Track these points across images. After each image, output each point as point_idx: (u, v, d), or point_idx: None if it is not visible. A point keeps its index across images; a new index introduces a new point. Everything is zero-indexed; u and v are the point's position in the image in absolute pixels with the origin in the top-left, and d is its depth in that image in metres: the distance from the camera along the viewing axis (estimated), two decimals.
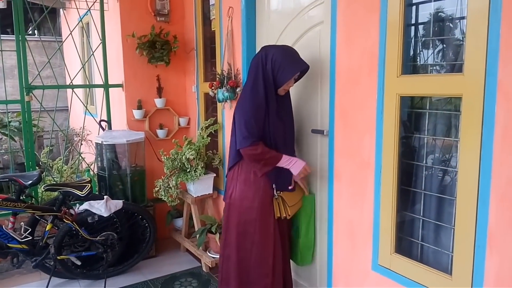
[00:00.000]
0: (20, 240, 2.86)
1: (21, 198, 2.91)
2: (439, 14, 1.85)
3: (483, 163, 1.58)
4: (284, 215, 2.32)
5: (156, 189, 3.37)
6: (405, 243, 2.02)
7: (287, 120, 2.40)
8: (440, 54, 1.91)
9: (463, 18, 1.71)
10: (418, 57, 1.95)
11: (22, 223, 3.00)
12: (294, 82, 2.35)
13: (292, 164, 2.27)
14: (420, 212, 1.96)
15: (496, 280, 1.57)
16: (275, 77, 2.24)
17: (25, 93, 3.37)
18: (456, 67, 1.77)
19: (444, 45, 1.88)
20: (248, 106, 2.25)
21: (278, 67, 2.22)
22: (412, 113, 1.99)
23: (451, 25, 1.84)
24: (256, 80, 2.27)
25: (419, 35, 1.94)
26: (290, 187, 2.35)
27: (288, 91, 2.40)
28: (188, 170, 3.30)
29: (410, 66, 1.93)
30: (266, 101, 2.25)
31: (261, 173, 2.27)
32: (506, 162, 1.51)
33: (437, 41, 1.89)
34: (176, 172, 3.33)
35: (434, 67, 1.90)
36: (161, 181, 3.35)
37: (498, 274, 1.56)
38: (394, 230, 1.98)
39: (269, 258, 2.31)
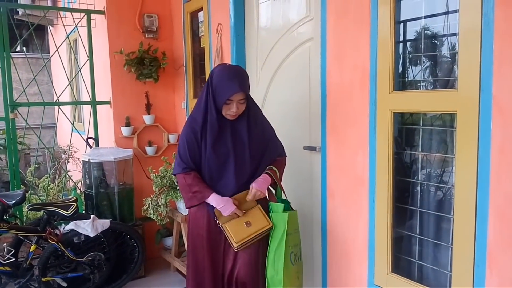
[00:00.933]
0: (3, 261, 2.77)
1: (5, 218, 2.83)
2: (430, 30, 1.85)
3: (480, 180, 1.55)
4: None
5: (145, 207, 3.29)
6: (401, 262, 1.97)
7: (239, 149, 2.05)
8: (433, 70, 1.90)
9: (455, 34, 1.70)
10: (410, 73, 1.94)
11: (5, 244, 2.90)
12: (237, 108, 1.99)
13: (220, 207, 2.01)
14: (416, 230, 1.92)
15: None
16: (215, 99, 2.00)
17: (9, 110, 3.29)
18: (449, 83, 1.76)
19: (437, 61, 1.87)
20: (184, 130, 2.09)
21: (215, 88, 1.99)
22: (406, 129, 1.97)
23: (443, 41, 1.83)
24: (200, 103, 2.07)
25: (410, 51, 1.93)
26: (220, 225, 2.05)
27: (246, 117, 2.07)
28: (177, 188, 3.23)
29: (403, 82, 1.92)
30: (203, 125, 2.03)
31: (187, 206, 2.08)
32: (504, 179, 1.48)
33: (429, 58, 1.87)
34: (166, 190, 3.25)
35: (427, 83, 1.89)
36: (150, 199, 3.27)
37: None
38: (390, 249, 1.94)
39: None
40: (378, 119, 1.91)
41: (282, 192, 2.15)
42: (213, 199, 2.02)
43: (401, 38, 1.91)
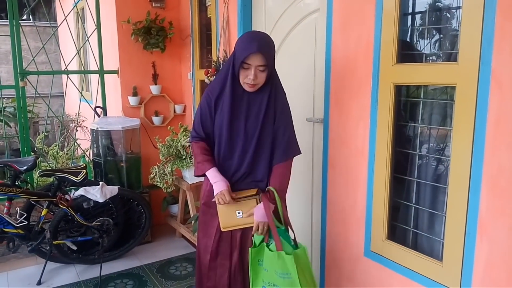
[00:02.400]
0: (15, 225, 2.88)
1: (16, 183, 2.93)
2: (436, 3, 1.85)
3: (475, 152, 1.59)
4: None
5: (152, 175, 3.38)
6: (397, 230, 2.05)
7: (251, 124, 1.91)
8: (436, 44, 1.91)
9: (459, 8, 1.71)
10: (414, 46, 1.95)
11: (18, 208, 3.01)
12: (255, 76, 1.82)
13: (214, 182, 1.92)
14: (412, 199, 1.98)
15: (485, 267, 1.60)
16: (234, 63, 1.87)
17: (19, 79, 3.35)
18: (452, 56, 1.78)
19: (440, 35, 1.88)
20: (202, 98, 2.01)
21: (235, 52, 1.87)
22: (407, 102, 2.00)
23: (447, 14, 1.84)
24: (221, 71, 1.98)
25: (415, 24, 1.94)
26: (212, 199, 1.97)
27: (267, 93, 1.91)
28: (183, 157, 3.30)
29: (406, 55, 1.94)
30: (220, 94, 1.93)
31: (194, 174, 2.04)
32: (498, 151, 1.52)
33: (433, 31, 1.89)
34: (172, 159, 3.33)
35: (430, 56, 1.91)
36: (156, 167, 3.36)
37: (487, 261, 1.59)
38: (387, 217, 2.01)
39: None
40: (380, 91, 1.95)
41: (285, 225, 1.92)
42: (211, 173, 1.94)
43: (407, 11, 1.92)
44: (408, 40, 1.94)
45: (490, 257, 1.58)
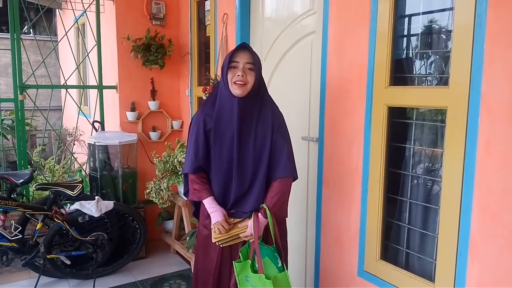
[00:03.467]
0: (10, 238, 2.88)
1: (12, 196, 2.93)
2: (428, 27, 1.91)
3: (466, 174, 1.62)
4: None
5: (148, 191, 3.39)
6: (390, 250, 2.06)
7: (243, 141, 1.88)
8: (429, 67, 1.96)
9: (451, 31, 1.77)
10: (407, 69, 2.00)
11: (13, 221, 3.00)
12: (243, 73, 1.82)
13: (211, 212, 1.92)
14: (405, 220, 2.00)
15: None
16: (222, 74, 1.88)
17: (18, 92, 3.38)
18: (443, 80, 1.82)
19: (433, 58, 1.93)
20: (193, 120, 1.98)
21: (223, 64, 1.89)
22: (400, 123, 2.04)
23: (440, 38, 1.89)
24: (214, 89, 1.99)
25: (408, 47, 1.99)
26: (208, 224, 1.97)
27: (259, 100, 1.90)
28: (180, 173, 3.32)
29: (399, 77, 1.98)
30: (211, 112, 1.90)
31: (189, 198, 2.03)
32: (488, 174, 1.56)
33: (425, 54, 1.94)
34: (168, 174, 3.35)
35: (422, 79, 1.95)
36: (152, 183, 3.37)
37: (479, 282, 1.61)
38: (380, 237, 2.03)
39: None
40: (374, 112, 1.99)
41: (276, 244, 1.88)
42: (208, 203, 1.93)
43: (400, 34, 1.97)
44: (401, 63, 1.99)
45: (481, 278, 1.60)
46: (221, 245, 1.93)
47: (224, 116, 1.88)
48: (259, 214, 1.87)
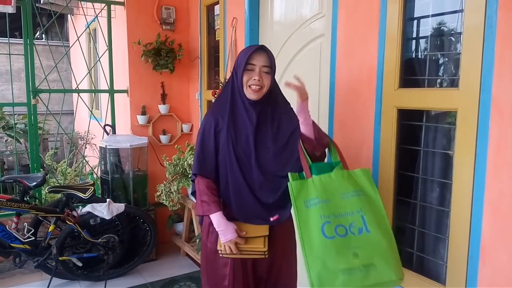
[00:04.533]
0: (23, 240, 2.92)
1: (25, 199, 2.98)
2: (438, 29, 1.90)
3: (476, 177, 1.61)
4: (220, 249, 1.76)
5: (158, 193, 3.41)
6: (401, 253, 2.04)
7: (268, 139, 1.77)
8: (438, 69, 1.95)
9: (461, 33, 1.76)
10: (416, 71, 2.00)
11: (25, 223, 3.05)
12: (260, 76, 1.71)
13: (221, 230, 1.72)
14: (416, 222, 1.99)
15: None
16: (236, 72, 1.76)
17: (31, 96, 3.43)
18: (453, 82, 1.82)
19: (442, 60, 1.93)
20: (202, 123, 1.84)
21: (236, 62, 1.78)
22: (410, 126, 2.03)
23: (449, 40, 1.89)
24: (221, 93, 1.86)
25: (418, 49, 1.99)
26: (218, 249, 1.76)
27: (274, 102, 1.81)
28: (189, 176, 3.34)
29: (408, 80, 1.98)
30: (222, 116, 1.77)
31: (197, 213, 1.88)
32: (499, 176, 1.55)
33: (435, 56, 1.93)
34: (178, 177, 3.37)
35: (432, 81, 1.95)
36: (163, 185, 3.39)
37: (490, 285, 1.59)
38: None
39: None
40: (383, 115, 1.99)
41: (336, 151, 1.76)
42: (216, 218, 1.74)
43: (410, 36, 1.97)
44: (410, 65, 1.99)
45: (493, 281, 1.59)
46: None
47: (238, 119, 1.76)
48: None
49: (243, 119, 1.76)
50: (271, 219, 1.75)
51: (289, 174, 1.63)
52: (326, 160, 1.85)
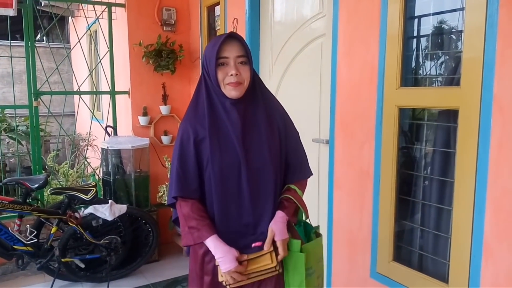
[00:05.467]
0: (25, 242, 2.92)
1: (27, 201, 2.98)
2: (438, 28, 1.91)
3: (479, 175, 1.62)
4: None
5: (160, 194, 3.42)
6: (403, 252, 2.05)
7: (254, 150, 1.49)
8: (439, 67, 1.96)
9: (462, 32, 1.76)
10: (417, 70, 2.00)
11: (28, 225, 3.05)
12: (236, 69, 1.43)
13: (219, 257, 1.45)
14: (418, 221, 1.99)
15: None
16: (208, 70, 1.48)
17: (33, 99, 3.44)
18: (454, 80, 1.82)
19: (443, 58, 1.93)
20: (177, 137, 1.54)
21: (204, 58, 1.50)
22: (411, 124, 2.04)
23: (450, 38, 1.89)
24: (192, 99, 1.55)
25: (419, 48, 1.99)
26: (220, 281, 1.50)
27: (260, 100, 1.53)
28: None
29: (410, 78, 1.98)
30: (200, 124, 1.48)
31: (183, 243, 1.53)
32: (501, 174, 1.55)
33: (436, 55, 1.94)
34: None
35: (434, 80, 1.95)
36: (164, 186, 3.40)
37: (493, 283, 1.59)
38: (393, 238, 2.02)
39: None
40: (385, 114, 1.99)
41: (304, 214, 1.61)
42: (212, 244, 1.46)
43: (410, 35, 1.97)
44: (411, 64, 1.99)
45: (496, 280, 1.59)
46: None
47: (220, 122, 1.48)
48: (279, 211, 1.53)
49: (226, 123, 1.47)
50: (253, 245, 1.49)
51: (292, 240, 1.52)
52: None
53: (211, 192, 1.49)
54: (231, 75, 1.43)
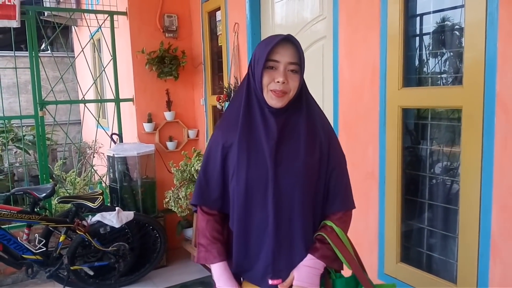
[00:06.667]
0: (34, 251, 2.94)
1: (35, 210, 3.00)
2: (440, 26, 1.90)
3: (484, 173, 1.61)
4: None
5: (166, 200, 3.43)
6: (410, 252, 2.04)
7: (289, 156, 1.30)
8: (441, 66, 1.95)
9: (462, 30, 1.76)
10: (420, 70, 2.00)
11: (37, 234, 3.07)
12: (285, 77, 1.26)
13: (219, 286, 1.35)
14: (424, 221, 1.99)
15: None
16: (254, 75, 1.32)
17: (38, 108, 3.47)
18: (457, 79, 1.81)
19: (445, 57, 1.92)
20: (210, 139, 1.42)
21: (253, 58, 1.33)
22: (415, 124, 2.03)
23: (452, 37, 1.89)
24: (235, 97, 1.42)
25: (421, 47, 1.99)
26: None
27: (303, 112, 1.34)
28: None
29: (412, 78, 1.98)
30: (233, 132, 1.32)
31: (196, 261, 1.45)
32: (507, 172, 1.54)
33: (437, 54, 1.93)
34: (186, 183, 3.39)
35: (436, 79, 1.94)
36: (171, 192, 3.41)
37: (502, 283, 1.58)
38: (399, 239, 2.01)
39: None
40: (388, 115, 1.98)
41: (345, 263, 1.33)
42: (216, 271, 1.36)
43: (411, 35, 1.97)
44: (413, 64, 1.99)
45: (504, 279, 1.58)
46: None
47: (254, 129, 1.31)
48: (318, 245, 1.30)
49: (260, 131, 1.30)
50: (270, 282, 1.31)
51: None
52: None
53: (234, 209, 1.34)
54: (278, 82, 1.27)
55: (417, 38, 1.98)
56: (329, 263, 1.31)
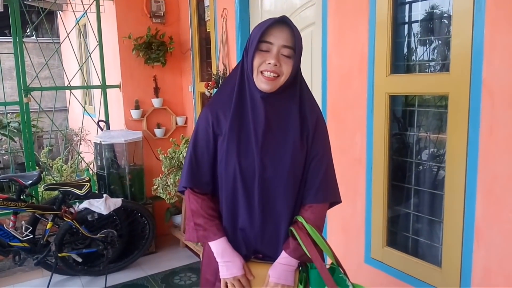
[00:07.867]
0: (21, 238, 2.92)
1: (22, 197, 2.97)
2: (428, 14, 1.91)
3: (469, 159, 1.63)
4: None
5: (155, 187, 3.42)
6: (396, 237, 2.08)
7: (276, 147, 1.29)
8: (429, 54, 1.96)
9: (450, 17, 1.77)
10: (408, 57, 2.01)
11: (23, 222, 3.05)
12: (277, 60, 1.24)
13: (227, 261, 1.33)
14: (411, 206, 2.02)
15: (483, 272, 1.63)
16: (247, 57, 1.28)
17: (23, 95, 3.41)
18: (444, 66, 1.83)
19: (433, 45, 1.93)
20: (198, 120, 1.40)
21: (248, 40, 1.31)
22: (402, 111, 2.05)
23: (440, 24, 1.89)
24: (225, 82, 1.41)
25: (409, 35, 2.00)
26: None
27: (296, 97, 1.32)
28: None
29: (400, 65, 1.99)
30: (224, 113, 1.31)
31: (186, 237, 1.41)
32: (492, 159, 1.56)
33: (425, 41, 1.94)
34: (174, 170, 3.38)
35: (423, 66, 1.96)
36: (159, 179, 3.40)
37: (485, 266, 1.62)
38: (386, 224, 2.04)
39: None
40: (375, 102, 2.00)
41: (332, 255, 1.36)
42: (218, 247, 1.34)
43: (400, 22, 1.97)
44: (401, 51, 1.99)
45: (487, 262, 1.62)
46: None
47: (245, 117, 1.30)
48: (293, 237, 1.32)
49: (249, 120, 1.29)
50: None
51: None
52: None
53: (222, 193, 1.35)
54: (269, 63, 1.23)
55: (406, 26, 1.98)
56: (301, 258, 1.33)
